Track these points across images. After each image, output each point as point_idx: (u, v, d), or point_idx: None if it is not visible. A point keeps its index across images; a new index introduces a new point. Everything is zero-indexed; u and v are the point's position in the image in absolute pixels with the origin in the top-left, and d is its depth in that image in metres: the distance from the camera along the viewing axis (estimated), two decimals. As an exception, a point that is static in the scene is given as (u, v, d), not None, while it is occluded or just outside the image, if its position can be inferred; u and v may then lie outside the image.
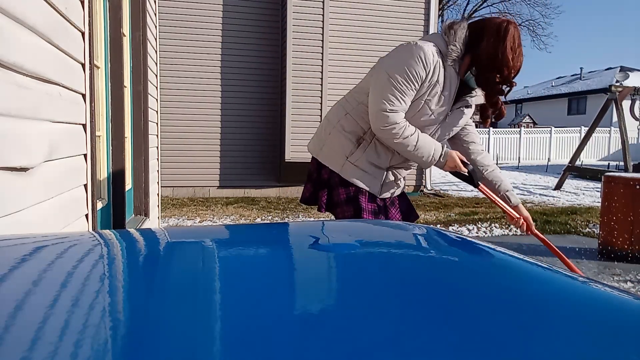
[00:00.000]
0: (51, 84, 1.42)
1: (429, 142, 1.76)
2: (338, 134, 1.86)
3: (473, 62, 1.74)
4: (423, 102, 1.74)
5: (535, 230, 1.97)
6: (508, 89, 1.76)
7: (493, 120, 1.85)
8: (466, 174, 1.83)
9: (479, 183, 1.88)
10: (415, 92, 1.71)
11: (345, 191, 1.84)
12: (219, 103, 7.77)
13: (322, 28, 7.48)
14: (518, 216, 1.96)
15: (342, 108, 1.89)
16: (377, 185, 1.87)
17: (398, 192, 2.00)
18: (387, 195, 1.94)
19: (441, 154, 1.77)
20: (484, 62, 1.70)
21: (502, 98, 1.78)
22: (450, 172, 1.85)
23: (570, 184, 10.35)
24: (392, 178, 1.92)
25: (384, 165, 1.86)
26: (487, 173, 1.98)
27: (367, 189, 1.84)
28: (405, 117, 1.73)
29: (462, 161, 1.80)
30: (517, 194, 8.93)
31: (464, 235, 0.74)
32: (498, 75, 1.69)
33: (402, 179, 1.98)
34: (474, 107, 1.90)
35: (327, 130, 1.90)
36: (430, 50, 1.69)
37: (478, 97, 1.86)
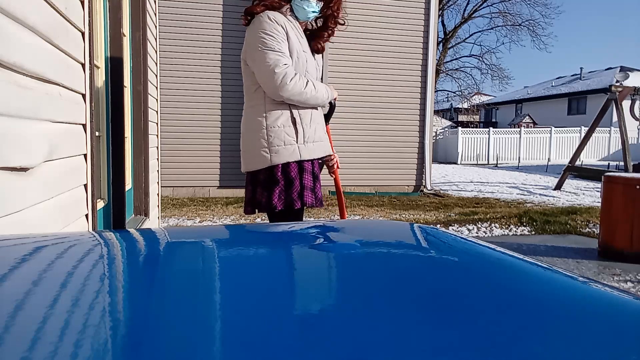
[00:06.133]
0: (51, 84, 1.42)
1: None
2: (254, 132, 2.06)
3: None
4: None
5: (337, 173, 2.27)
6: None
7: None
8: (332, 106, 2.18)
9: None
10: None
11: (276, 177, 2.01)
12: (218, 103, 7.77)
13: (322, 28, 7.48)
14: (335, 159, 2.22)
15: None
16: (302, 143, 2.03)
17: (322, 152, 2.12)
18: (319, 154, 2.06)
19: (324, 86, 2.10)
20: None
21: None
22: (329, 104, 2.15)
23: (570, 184, 10.36)
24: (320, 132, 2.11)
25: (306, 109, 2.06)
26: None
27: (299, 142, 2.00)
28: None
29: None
30: (517, 193, 8.94)
31: (464, 235, 0.74)
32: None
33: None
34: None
35: (248, 143, 2.09)
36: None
37: None
